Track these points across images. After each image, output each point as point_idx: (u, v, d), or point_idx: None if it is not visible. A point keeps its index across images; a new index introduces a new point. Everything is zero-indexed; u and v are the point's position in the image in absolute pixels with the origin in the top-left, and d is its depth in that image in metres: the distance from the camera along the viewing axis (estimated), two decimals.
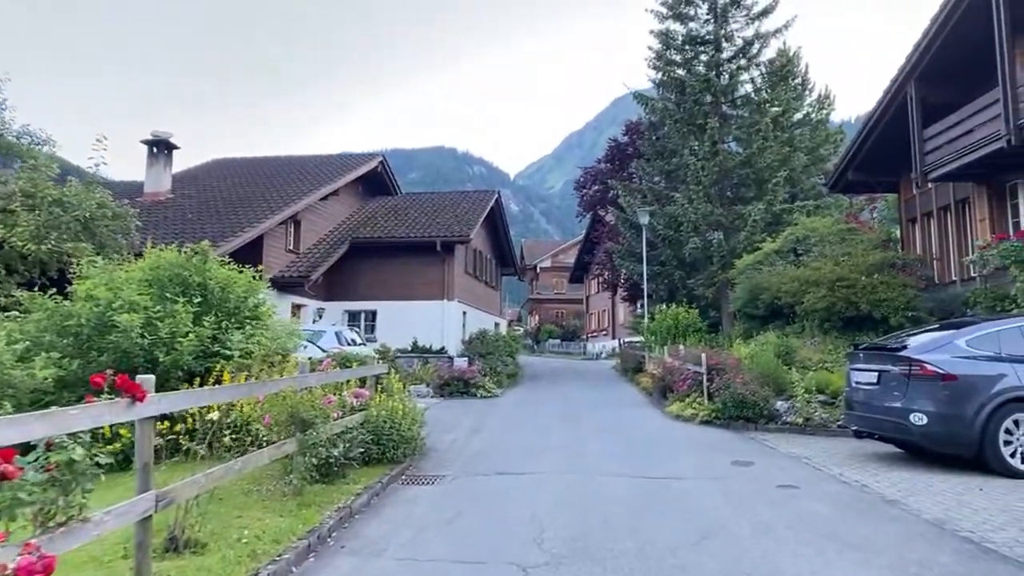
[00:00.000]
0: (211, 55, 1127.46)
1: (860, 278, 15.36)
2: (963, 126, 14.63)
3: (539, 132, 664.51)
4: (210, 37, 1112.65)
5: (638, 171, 25.41)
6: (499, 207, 27.75)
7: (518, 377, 23.47)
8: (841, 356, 15.09)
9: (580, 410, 14.85)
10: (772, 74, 23.21)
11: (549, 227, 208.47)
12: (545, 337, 55.53)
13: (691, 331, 19.86)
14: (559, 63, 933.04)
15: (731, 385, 12.12)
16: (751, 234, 20.95)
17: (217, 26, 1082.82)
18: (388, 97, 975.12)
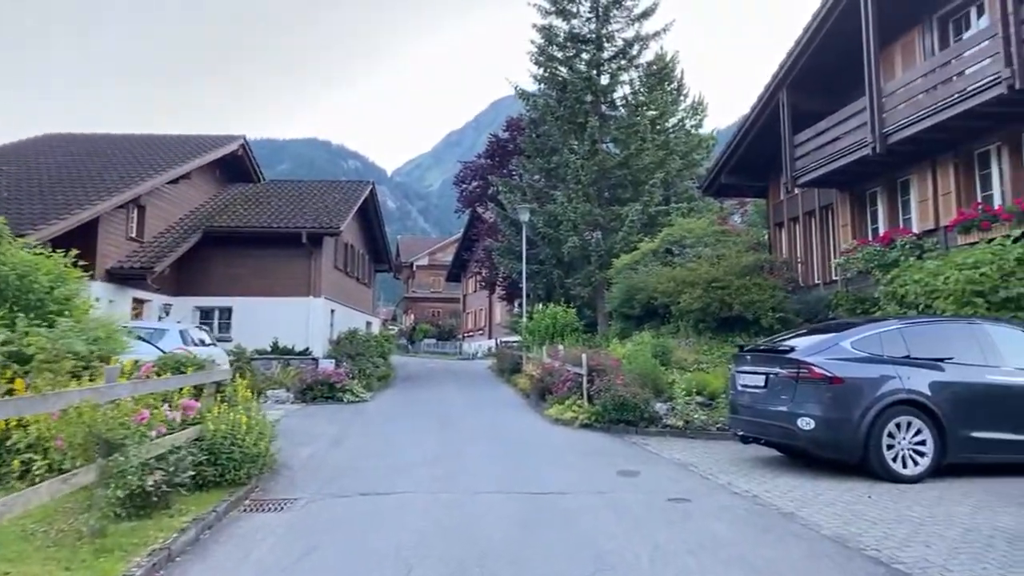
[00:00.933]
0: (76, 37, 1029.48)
1: (734, 280, 15.48)
2: (831, 133, 15.05)
3: (419, 130, 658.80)
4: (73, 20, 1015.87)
5: (518, 168, 24.89)
6: (373, 199, 26.32)
7: (390, 379, 22.22)
8: (716, 356, 15.17)
9: (455, 414, 13.94)
10: (650, 76, 23.39)
11: (427, 225, 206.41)
12: (420, 337, 54.23)
13: (569, 331, 19.49)
14: (442, 61, 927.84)
15: (612, 387, 11.65)
16: (628, 234, 20.91)
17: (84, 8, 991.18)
18: (256, 85, 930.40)
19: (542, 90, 23.73)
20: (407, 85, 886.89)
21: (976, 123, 12.00)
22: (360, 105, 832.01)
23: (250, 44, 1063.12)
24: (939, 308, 11.08)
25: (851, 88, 15.63)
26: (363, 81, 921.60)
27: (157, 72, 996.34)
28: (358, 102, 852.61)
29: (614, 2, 23.41)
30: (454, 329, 55.07)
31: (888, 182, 15.11)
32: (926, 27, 14.15)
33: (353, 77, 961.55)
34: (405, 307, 67.49)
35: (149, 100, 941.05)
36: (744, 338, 15.64)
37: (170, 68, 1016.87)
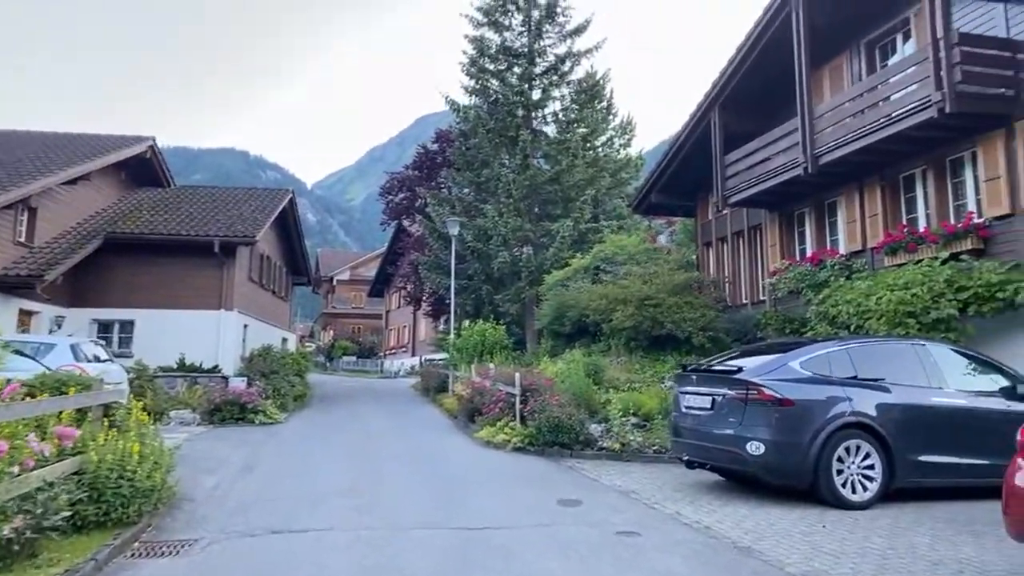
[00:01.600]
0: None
1: (666, 298, 15.29)
2: (762, 153, 15.12)
3: (342, 143, 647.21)
4: None
5: (448, 180, 24.26)
6: (293, 209, 25.06)
7: (307, 399, 20.99)
8: (648, 375, 14.87)
9: (378, 437, 13.05)
10: (581, 93, 23.29)
11: (348, 239, 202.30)
12: (339, 354, 52.40)
13: (498, 348, 18.89)
14: (368, 75, 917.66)
15: (547, 408, 11.09)
16: (559, 250, 20.57)
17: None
18: (170, 91, 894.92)
19: (474, 102, 23.26)
20: (332, 97, 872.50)
21: (903, 147, 12.19)
22: (282, 116, 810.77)
23: (162, 46, 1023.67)
24: (871, 328, 11.09)
25: (781, 110, 15.81)
26: (286, 91, 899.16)
27: (57, 75, 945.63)
28: (280, 113, 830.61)
29: (546, 17, 23.26)
30: (375, 346, 53.56)
31: (816, 203, 15.29)
32: (854, 52, 14.44)
33: (275, 87, 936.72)
34: (324, 323, 65.32)
35: (48, 104, 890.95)
36: (675, 357, 15.46)
37: (73, 70, 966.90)
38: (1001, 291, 10.17)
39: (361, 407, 19.41)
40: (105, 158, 19.10)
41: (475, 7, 23.51)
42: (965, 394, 7.81)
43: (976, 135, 11.34)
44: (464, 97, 23.39)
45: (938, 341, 8.79)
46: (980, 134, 11.27)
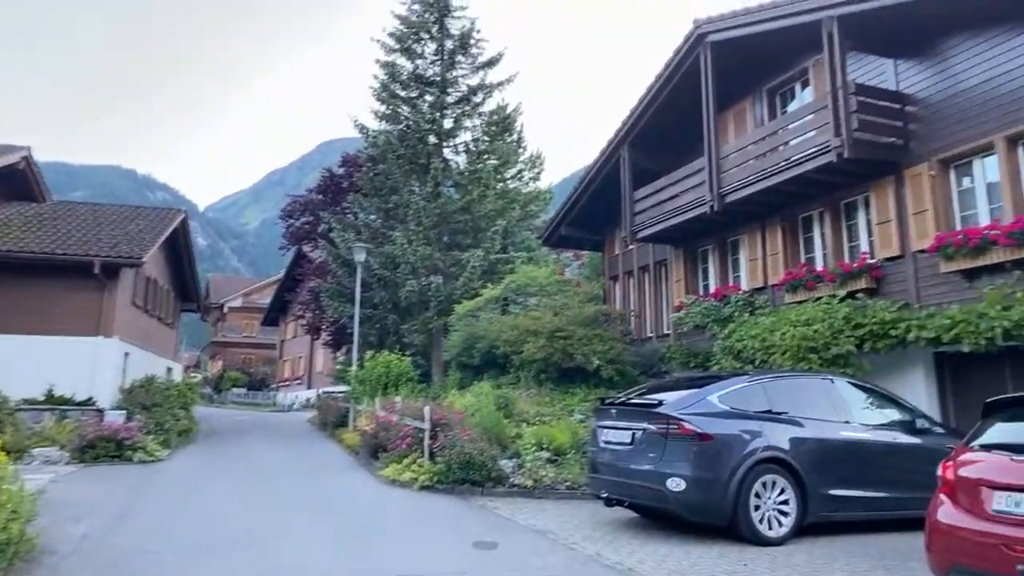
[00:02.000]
0: None
1: (577, 330, 15.24)
2: (670, 191, 15.48)
3: (239, 165, 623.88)
4: None
5: (354, 206, 23.52)
6: (185, 230, 23.49)
7: (193, 434, 19.48)
8: (558, 408, 14.69)
9: (273, 478, 12.12)
10: (493, 125, 23.32)
11: (240, 266, 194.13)
12: (228, 385, 49.52)
13: (404, 381, 18.23)
14: (270, 97, 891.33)
15: (457, 443, 10.63)
16: (469, 280, 20.26)
17: None
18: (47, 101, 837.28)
19: (384, 127, 22.78)
20: (230, 117, 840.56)
21: (804, 189, 12.76)
22: (176, 135, 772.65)
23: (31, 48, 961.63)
24: (775, 362, 11.38)
25: (688, 150, 16.32)
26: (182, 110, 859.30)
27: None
28: (174, 132, 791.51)
29: (459, 47, 23.24)
30: (268, 378, 51.06)
31: (720, 241, 15.76)
32: (757, 97, 15.11)
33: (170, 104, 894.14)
34: (212, 352, 61.82)
35: None
36: (584, 389, 15.39)
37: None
38: (894, 329, 10.69)
39: (254, 443, 18.19)
40: None
41: (387, 33, 23.24)
42: (870, 428, 8.02)
43: (869, 181, 12.01)
44: (374, 122, 22.94)
45: (842, 375, 9.04)
46: (873, 180, 11.94)
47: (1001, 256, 9.76)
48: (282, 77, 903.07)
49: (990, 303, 9.42)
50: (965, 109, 10.75)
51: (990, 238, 9.83)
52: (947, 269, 10.50)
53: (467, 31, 23.44)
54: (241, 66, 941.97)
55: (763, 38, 13.30)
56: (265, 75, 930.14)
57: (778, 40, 13.30)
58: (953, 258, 10.36)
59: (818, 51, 13.13)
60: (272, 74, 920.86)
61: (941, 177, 11.03)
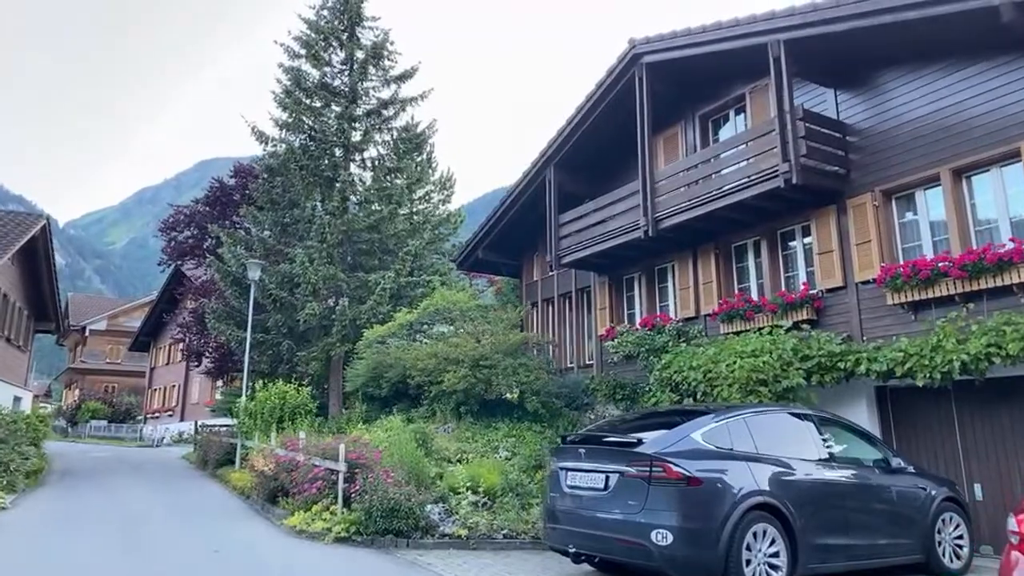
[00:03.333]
0: None
1: (502, 359, 14.12)
2: (599, 215, 14.81)
3: (105, 179, 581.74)
4: None
5: (246, 219, 21.39)
6: (46, 240, 20.47)
7: (44, 475, 16.65)
8: (480, 445, 13.44)
9: (148, 528, 10.10)
10: (404, 142, 22.04)
11: (104, 287, 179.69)
12: (87, 417, 44.38)
13: (301, 413, 16.36)
14: (147, 109, 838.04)
15: (380, 487, 9.18)
16: (377, 304, 18.69)
17: None
18: None
19: (285, 136, 20.96)
20: (100, 126, 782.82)
21: (742, 216, 12.37)
22: (35, 144, 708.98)
23: None
24: (721, 395, 10.72)
25: (616, 174, 15.83)
26: (40, 113, 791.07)
27: None
28: (30, 136, 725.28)
29: (371, 58, 21.90)
30: (134, 409, 46.27)
31: (647, 268, 15.21)
32: (689, 123, 14.78)
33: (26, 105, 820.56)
34: (68, 380, 55.63)
35: None
36: (507, 424, 14.25)
37: None
38: (842, 361, 10.31)
39: (119, 484, 15.67)
40: None
41: (293, 37, 21.55)
42: (851, 467, 7.39)
43: (810, 209, 11.75)
44: (274, 130, 21.06)
45: (814, 409, 8.42)
46: (814, 208, 11.69)
47: (951, 288, 9.58)
48: (160, 89, 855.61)
49: (945, 336, 9.15)
50: (906, 142, 10.67)
51: (941, 269, 9.65)
52: (894, 301, 10.26)
53: (380, 42, 22.19)
54: (117, 72, 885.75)
55: (700, 61, 12.95)
56: (143, 85, 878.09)
57: (714, 64, 13.01)
58: (901, 289, 10.12)
59: (755, 78, 13.00)
60: (150, 85, 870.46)
61: (884, 208, 10.89)
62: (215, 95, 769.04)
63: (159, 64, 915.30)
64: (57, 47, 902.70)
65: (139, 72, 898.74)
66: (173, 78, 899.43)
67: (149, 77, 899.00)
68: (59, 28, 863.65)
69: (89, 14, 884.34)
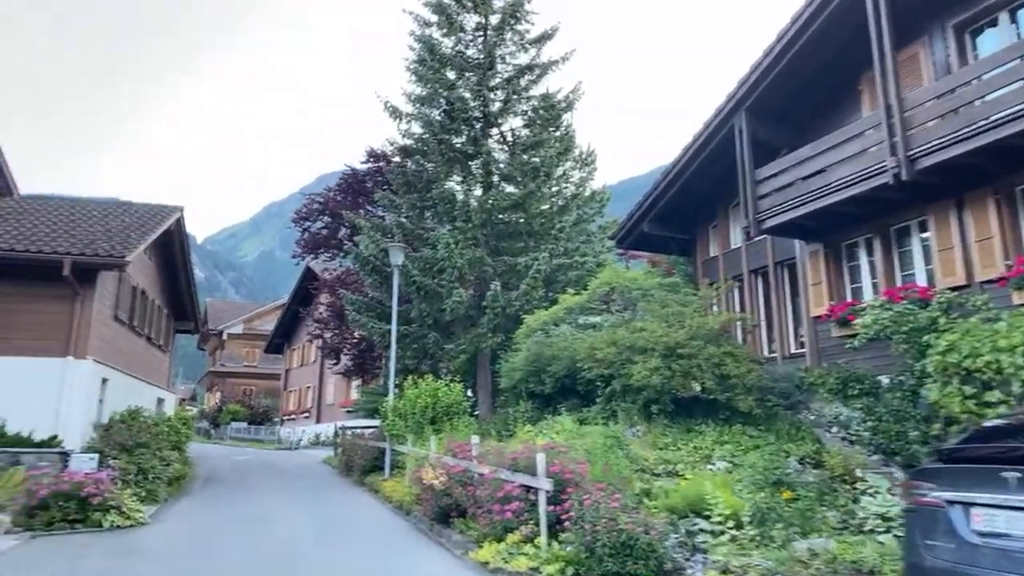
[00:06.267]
0: None
1: (703, 346, 11.37)
2: (815, 163, 11.79)
3: (238, 197, 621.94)
4: None
5: (383, 203, 19.76)
6: (181, 233, 19.74)
7: (187, 481, 15.50)
8: (685, 454, 10.75)
9: (302, 557, 8.14)
10: (546, 109, 19.70)
11: (238, 297, 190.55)
12: (228, 419, 45.25)
13: (457, 413, 14.31)
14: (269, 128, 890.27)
15: (603, 511, 6.73)
16: (531, 288, 16.41)
17: None
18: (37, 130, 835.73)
19: (419, 110, 19.14)
20: (230, 147, 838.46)
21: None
22: (173, 166, 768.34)
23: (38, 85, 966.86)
24: None
25: (827, 116, 12.94)
26: (178, 141, 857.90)
27: None
28: (171, 162, 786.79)
29: (506, 22, 19.71)
30: (271, 411, 46.81)
31: (880, 229, 12.03)
32: (935, 37, 11.47)
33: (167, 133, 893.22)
34: (210, 383, 57.54)
35: None
36: (714, 427, 11.47)
37: None
38: None
39: (265, 494, 14.18)
40: None
41: (423, 2, 19.73)
42: None
43: None
44: (407, 105, 19.31)
45: None
46: None
47: None
48: (281, 106, 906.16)
49: None
50: None
51: None
52: None
53: (515, 2, 19.96)
54: (240, 99, 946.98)
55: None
56: (265, 104, 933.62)
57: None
58: None
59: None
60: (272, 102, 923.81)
61: None
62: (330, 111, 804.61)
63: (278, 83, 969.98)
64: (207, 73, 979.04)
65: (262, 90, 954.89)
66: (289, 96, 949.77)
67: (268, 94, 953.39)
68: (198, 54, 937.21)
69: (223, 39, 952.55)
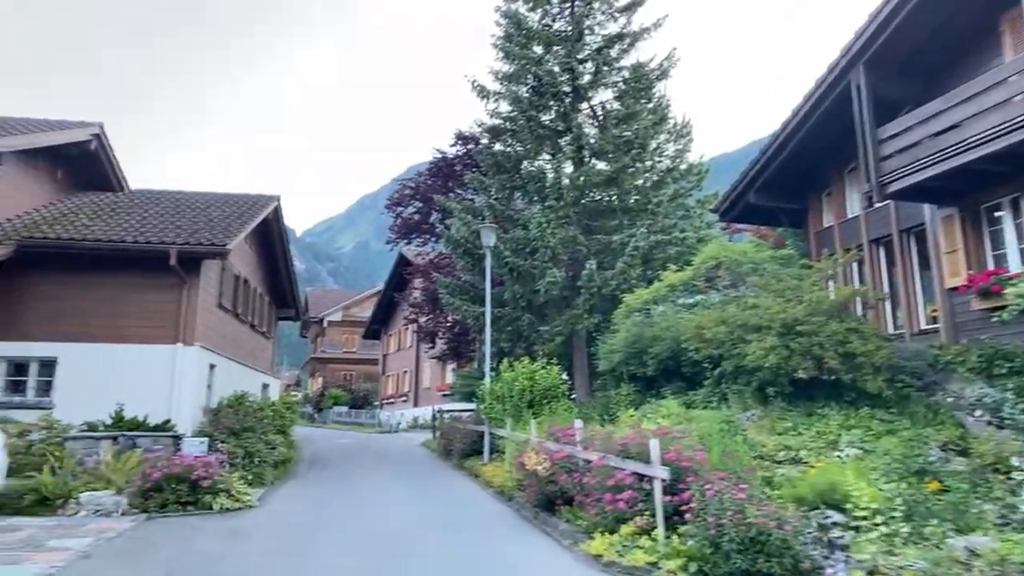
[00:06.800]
0: None
1: (825, 322, 10.42)
2: (948, 117, 10.54)
3: (332, 189, 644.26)
4: None
5: (473, 184, 19.50)
6: (279, 222, 20.16)
7: (291, 465, 15.80)
8: (808, 439, 9.91)
9: (407, 547, 7.91)
10: (638, 79, 18.82)
11: (336, 287, 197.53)
12: (329, 404, 46.75)
13: (556, 396, 13.88)
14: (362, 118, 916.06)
15: (728, 503, 6.11)
16: (628, 267, 15.73)
17: None
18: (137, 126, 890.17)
19: (507, 89, 18.70)
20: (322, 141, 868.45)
21: None
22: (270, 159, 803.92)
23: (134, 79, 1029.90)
24: None
25: (954, 69, 11.63)
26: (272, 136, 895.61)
27: None
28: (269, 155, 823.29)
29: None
30: (370, 395, 47.99)
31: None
32: None
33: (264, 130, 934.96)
34: (312, 369, 59.65)
35: None
36: (839, 411, 10.53)
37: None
38: None
39: (367, 478, 14.23)
40: (21, 138, 14.23)
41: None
42: None
43: None
44: (495, 84, 18.92)
45: None
46: None
47: None
48: (370, 102, 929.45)
49: None
50: None
51: None
52: None
53: None
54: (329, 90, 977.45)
55: None
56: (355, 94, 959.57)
57: None
58: None
59: None
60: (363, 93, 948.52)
61: None
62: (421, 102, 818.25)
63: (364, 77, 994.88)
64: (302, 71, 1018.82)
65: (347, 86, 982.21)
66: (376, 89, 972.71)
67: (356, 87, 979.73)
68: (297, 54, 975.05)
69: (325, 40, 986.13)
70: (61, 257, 14.09)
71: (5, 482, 9.53)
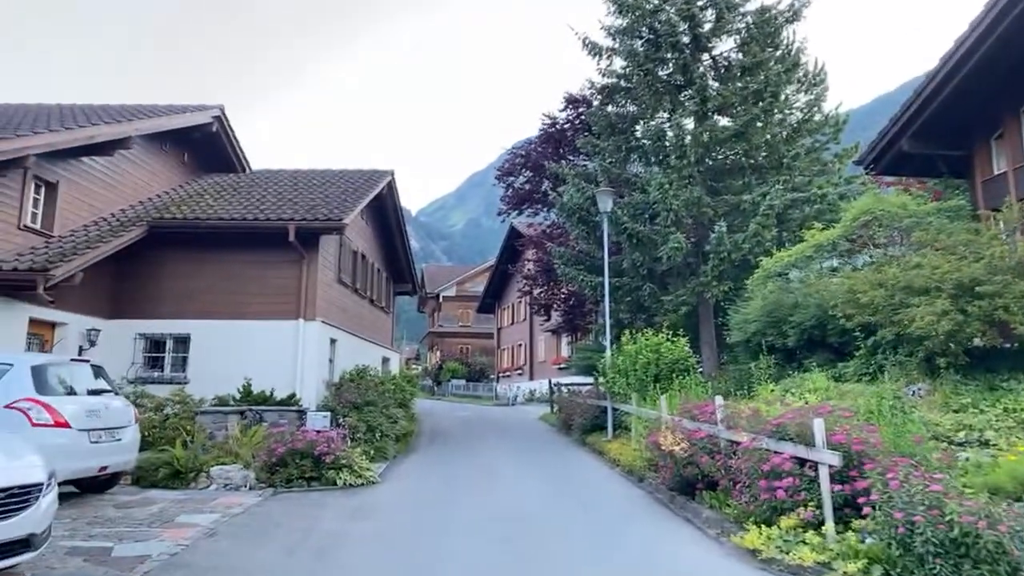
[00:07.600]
0: None
1: (1012, 282, 8.87)
2: None
3: (444, 169, 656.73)
4: None
5: (586, 148, 18.57)
6: (393, 197, 20.12)
7: (412, 439, 15.76)
8: (992, 418, 8.49)
9: (543, 529, 7.35)
10: (761, 24, 17.12)
11: (450, 264, 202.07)
12: (448, 377, 47.55)
13: (682, 370, 12.91)
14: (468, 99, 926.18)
15: (919, 496, 5.08)
16: (761, 228, 14.40)
17: None
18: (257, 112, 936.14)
19: (621, 44, 17.55)
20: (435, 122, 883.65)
21: None
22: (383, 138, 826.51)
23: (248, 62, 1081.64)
24: None
25: None
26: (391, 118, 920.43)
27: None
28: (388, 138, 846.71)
29: None
30: (486, 368, 48.38)
31: None
32: None
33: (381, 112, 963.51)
34: (430, 343, 60.95)
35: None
36: (1021, 381, 9.00)
37: None
38: None
39: (487, 454, 13.89)
40: (148, 121, 14.68)
41: None
42: None
43: None
44: (606, 40, 17.80)
45: None
46: None
47: None
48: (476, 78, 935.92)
49: None
50: None
51: None
52: None
53: None
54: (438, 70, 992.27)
55: None
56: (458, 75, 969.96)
57: None
58: None
59: None
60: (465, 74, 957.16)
61: None
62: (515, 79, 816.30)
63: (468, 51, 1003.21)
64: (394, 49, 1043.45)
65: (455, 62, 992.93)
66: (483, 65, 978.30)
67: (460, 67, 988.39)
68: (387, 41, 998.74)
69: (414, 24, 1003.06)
70: (188, 236, 14.51)
71: (141, 455, 9.78)
